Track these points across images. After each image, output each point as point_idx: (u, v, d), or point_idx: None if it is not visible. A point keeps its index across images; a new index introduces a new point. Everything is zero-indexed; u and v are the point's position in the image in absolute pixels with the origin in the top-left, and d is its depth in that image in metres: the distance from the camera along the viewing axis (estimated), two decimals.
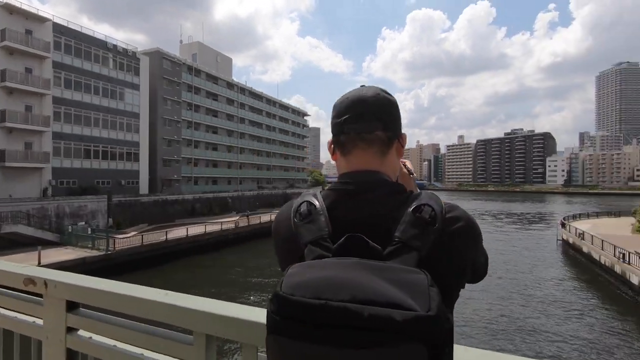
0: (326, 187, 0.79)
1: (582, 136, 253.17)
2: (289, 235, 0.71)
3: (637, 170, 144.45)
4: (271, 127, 64.57)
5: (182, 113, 44.15)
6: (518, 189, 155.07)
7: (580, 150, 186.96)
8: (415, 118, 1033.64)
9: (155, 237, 25.13)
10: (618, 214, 40.11)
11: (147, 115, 38.82)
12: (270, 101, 65.65)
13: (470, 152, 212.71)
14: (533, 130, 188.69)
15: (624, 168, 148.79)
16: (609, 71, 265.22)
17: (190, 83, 46.27)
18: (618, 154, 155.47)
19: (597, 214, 39.83)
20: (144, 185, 38.32)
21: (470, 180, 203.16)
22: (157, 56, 41.08)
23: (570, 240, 26.78)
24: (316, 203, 0.71)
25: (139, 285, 1.17)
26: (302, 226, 0.69)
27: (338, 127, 0.79)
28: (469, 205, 76.40)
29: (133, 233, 26.40)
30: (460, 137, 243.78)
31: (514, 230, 40.33)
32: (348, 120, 0.77)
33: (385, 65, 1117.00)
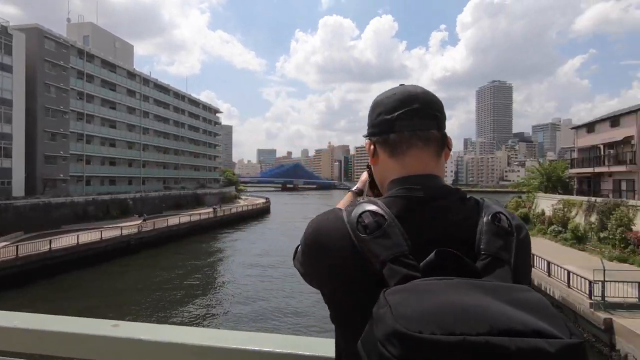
0: (388, 194, 0.68)
1: (466, 142, 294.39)
2: (349, 252, 0.59)
3: (506, 171, 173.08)
4: (180, 123, 60.18)
5: (70, 103, 38.29)
6: None
7: (465, 154, 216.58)
8: (326, 120, 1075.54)
9: (36, 246, 21.25)
10: None
11: (24, 103, 32.74)
12: (179, 95, 61.22)
13: None
14: None
15: (497, 169, 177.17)
16: (486, 87, 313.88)
17: (82, 69, 40.48)
18: (492, 157, 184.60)
19: None
20: (18, 186, 32.20)
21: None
22: (37, 34, 34.85)
23: None
24: (383, 213, 0.60)
25: (73, 317, 0.92)
26: (372, 241, 0.57)
27: (387, 125, 0.70)
28: None
29: (3, 244, 21.91)
30: None
31: None
32: (401, 117, 0.69)
33: (299, 67, 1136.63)
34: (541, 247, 21.04)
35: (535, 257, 16.42)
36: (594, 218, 22.18)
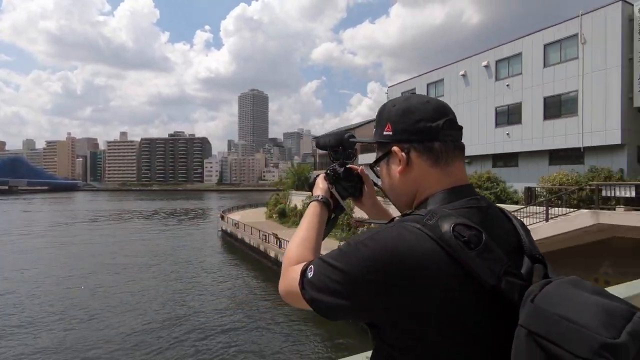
0: (459, 202, 0.62)
1: (230, 143, 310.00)
2: (452, 272, 0.54)
3: (263, 172, 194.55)
4: None
5: None
6: (181, 188, 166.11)
7: (228, 155, 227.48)
8: (64, 105, 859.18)
9: None
10: (256, 205, 52.24)
11: None
12: None
13: (134, 150, 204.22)
14: (194, 135, 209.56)
15: (256, 170, 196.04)
16: (247, 94, 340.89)
17: None
18: (252, 159, 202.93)
19: (244, 207, 49.85)
20: None
21: (134, 179, 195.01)
22: None
23: (229, 230, 31.98)
24: (476, 226, 0.56)
25: None
26: (480, 256, 0.53)
27: (432, 133, 0.66)
28: (136, 205, 73.41)
29: None
30: (123, 133, 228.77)
31: (183, 226, 42.94)
32: (445, 127, 0.66)
33: (18, 29, 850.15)
34: None
35: None
36: None
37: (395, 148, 0.71)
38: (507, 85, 19.08)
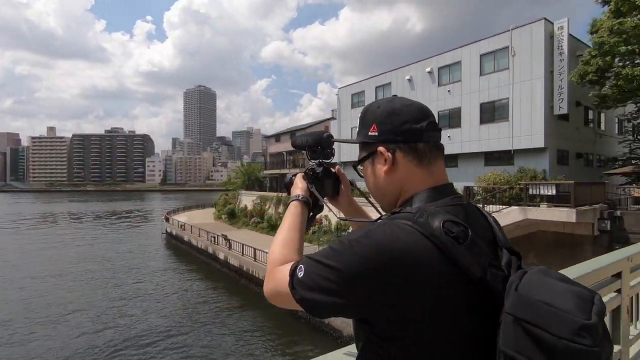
0: (443, 201, 0.65)
1: (175, 141, 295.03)
2: (444, 266, 0.57)
3: (211, 171, 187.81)
4: None
5: None
6: (119, 188, 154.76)
7: (173, 154, 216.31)
8: None
9: None
10: (203, 206, 50.29)
11: None
12: None
13: (64, 148, 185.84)
14: (134, 131, 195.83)
15: (203, 169, 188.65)
16: (193, 90, 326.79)
17: None
18: (199, 158, 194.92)
19: (190, 208, 47.75)
20: None
21: (65, 179, 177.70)
22: None
23: (174, 232, 30.45)
24: (462, 222, 0.60)
25: None
26: (468, 250, 0.57)
27: (417, 134, 0.68)
28: (67, 207, 67.01)
29: None
30: (51, 128, 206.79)
31: (123, 229, 40.00)
32: (428, 128, 0.69)
33: None
34: (245, 237, 24.44)
35: (244, 246, 18.92)
36: (281, 209, 28.27)
37: (381, 148, 0.73)
38: (449, 90, 20.40)
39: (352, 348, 0.96)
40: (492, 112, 18.55)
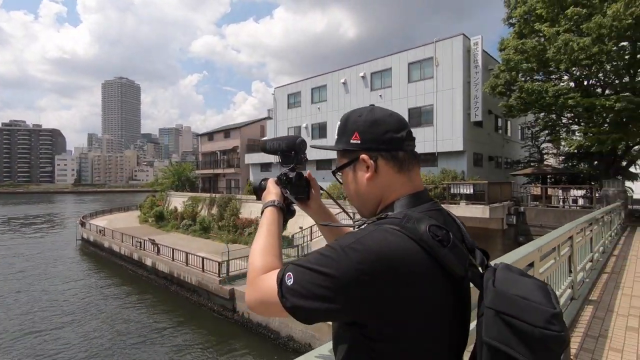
0: (423, 207, 0.67)
1: (91, 137, 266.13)
2: (430, 264, 0.62)
3: (135, 170, 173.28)
4: None
5: None
6: (22, 190, 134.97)
7: (89, 151, 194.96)
8: None
9: None
10: (127, 208, 46.23)
11: None
12: None
13: None
14: (40, 125, 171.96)
15: (126, 169, 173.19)
16: (113, 82, 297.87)
17: None
18: (121, 156, 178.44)
19: (111, 210, 43.55)
20: None
21: None
22: None
23: (92, 238, 27.49)
24: (444, 226, 0.65)
25: None
26: (451, 252, 0.62)
27: (397, 143, 0.72)
28: None
29: None
30: None
31: (28, 237, 34.87)
32: (407, 137, 0.72)
33: None
34: (176, 240, 23.08)
35: (174, 250, 17.82)
36: (214, 210, 27.17)
37: (364, 156, 0.75)
38: (380, 95, 21.49)
39: (324, 351, 0.98)
40: (419, 117, 19.98)
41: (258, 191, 0.99)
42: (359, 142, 0.76)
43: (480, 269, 0.67)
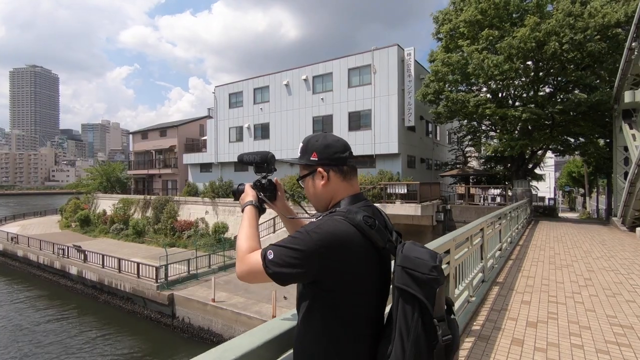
0: (359, 204, 0.99)
1: None
2: (363, 242, 0.96)
3: (53, 170, 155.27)
4: None
5: None
6: None
7: None
8: None
9: None
10: (44, 212, 41.50)
11: None
12: None
13: None
14: None
15: (41, 168, 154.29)
16: (24, 71, 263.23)
17: None
18: (35, 154, 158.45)
19: (24, 215, 38.83)
20: None
21: None
22: None
23: (1, 247, 24.35)
24: (372, 216, 0.98)
25: None
26: (377, 233, 0.96)
27: (342, 160, 1.05)
28: None
29: None
30: None
31: None
32: (349, 156, 1.06)
33: None
34: (106, 246, 21.46)
35: (105, 257, 16.61)
36: (149, 213, 25.67)
37: (320, 169, 1.08)
38: (322, 98, 22.14)
39: (287, 315, 1.28)
40: (358, 121, 20.98)
41: (236, 193, 1.27)
42: (316, 159, 1.09)
43: (395, 243, 1.03)
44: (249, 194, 1.23)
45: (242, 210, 1.19)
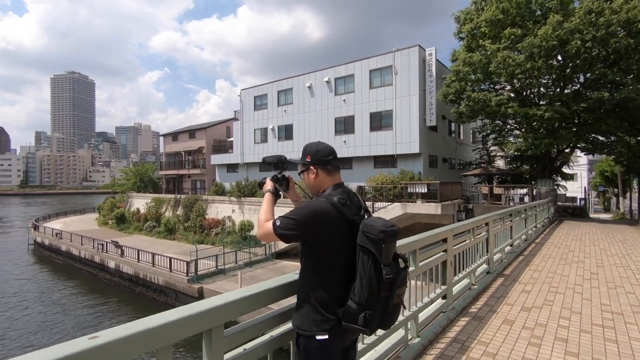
0: (338, 190, 1.48)
1: (40, 135, 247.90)
2: (337, 215, 1.44)
3: (90, 171, 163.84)
4: None
5: None
6: None
7: (38, 150, 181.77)
8: None
9: None
10: (83, 211, 44.24)
11: None
12: None
13: None
14: None
15: (79, 169, 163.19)
16: (64, 77, 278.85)
17: None
18: (74, 156, 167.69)
19: (65, 213, 41.53)
20: None
21: None
22: None
23: (47, 242, 26.37)
24: (345, 198, 1.46)
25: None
26: (347, 208, 1.45)
27: (328, 161, 1.55)
28: None
29: None
30: None
31: None
32: (334, 158, 1.57)
33: None
34: (140, 243, 22.81)
35: (140, 252, 17.79)
36: (180, 211, 27.00)
37: (312, 167, 1.61)
38: (344, 100, 22.58)
39: (292, 275, 1.78)
40: (379, 121, 21.27)
41: (261, 184, 1.80)
42: (310, 160, 1.61)
43: (363, 217, 1.52)
44: (269, 185, 1.77)
45: (263, 196, 1.72)
